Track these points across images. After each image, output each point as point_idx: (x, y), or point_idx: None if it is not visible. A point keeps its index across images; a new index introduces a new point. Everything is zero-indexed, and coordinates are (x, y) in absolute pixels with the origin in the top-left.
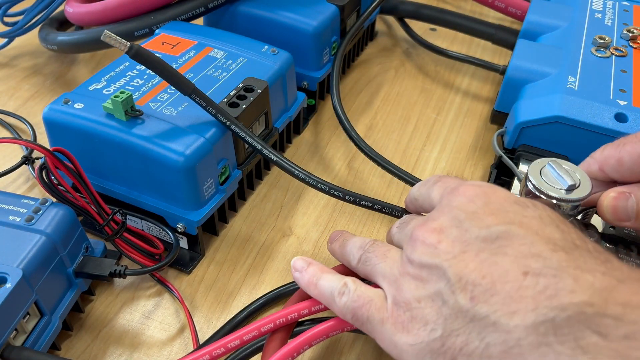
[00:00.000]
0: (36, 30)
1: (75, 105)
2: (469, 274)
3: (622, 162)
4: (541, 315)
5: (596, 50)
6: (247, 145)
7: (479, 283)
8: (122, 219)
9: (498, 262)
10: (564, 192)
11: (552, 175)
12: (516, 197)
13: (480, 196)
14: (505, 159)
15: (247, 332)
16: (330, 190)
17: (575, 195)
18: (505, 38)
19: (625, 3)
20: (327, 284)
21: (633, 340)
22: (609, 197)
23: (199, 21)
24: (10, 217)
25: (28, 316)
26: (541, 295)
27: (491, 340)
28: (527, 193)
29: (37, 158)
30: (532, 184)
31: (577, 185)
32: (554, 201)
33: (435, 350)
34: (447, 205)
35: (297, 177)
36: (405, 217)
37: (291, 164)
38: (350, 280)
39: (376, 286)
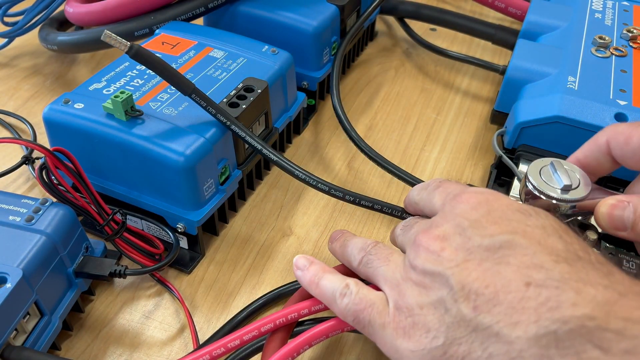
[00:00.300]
0: (36, 30)
1: (75, 105)
2: (471, 282)
3: (629, 142)
4: (543, 328)
5: (596, 50)
6: (247, 145)
7: (481, 292)
8: (122, 219)
9: (501, 272)
10: (562, 192)
11: (551, 175)
12: (519, 205)
13: (483, 204)
14: (505, 159)
15: (247, 332)
16: (330, 190)
17: (573, 195)
18: (505, 38)
19: (625, 3)
20: (329, 284)
21: (634, 355)
22: (606, 204)
23: (199, 21)
24: (10, 217)
25: (28, 316)
26: (543, 307)
27: (494, 350)
28: (527, 193)
29: (37, 158)
30: (531, 183)
31: (575, 185)
32: (553, 201)
33: (437, 357)
34: (450, 212)
35: (297, 177)
36: (409, 219)
37: (291, 164)
38: (352, 282)
39: (376, 287)
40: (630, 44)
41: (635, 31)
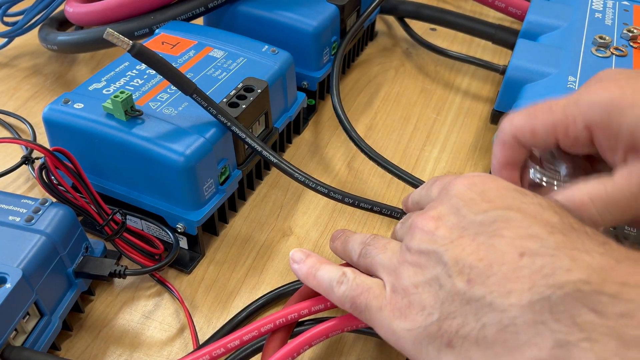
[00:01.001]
0: (36, 30)
1: (75, 105)
2: (465, 257)
3: (535, 133)
4: (537, 294)
5: (596, 50)
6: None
7: (475, 266)
8: (122, 219)
9: (495, 245)
10: (563, 178)
11: (552, 162)
12: (515, 186)
13: (478, 184)
14: None
15: (247, 332)
16: (330, 192)
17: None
18: (505, 38)
19: (626, 3)
20: (326, 274)
21: (629, 319)
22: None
23: (199, 21)
24: (10, 217)
25: (28, 316)
26: (537, 274)
27: (487, 320)
28: (529, 183)
29: (37, 158)
30: (532, 170)
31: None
32: (555, 187)
33: (432, 334)
34: (445, 195)
35: (296, 179)
36: (408, 214)
37: (291, 166)
38: (349, 270)
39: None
40: (631, 43)
41: (635, 31)
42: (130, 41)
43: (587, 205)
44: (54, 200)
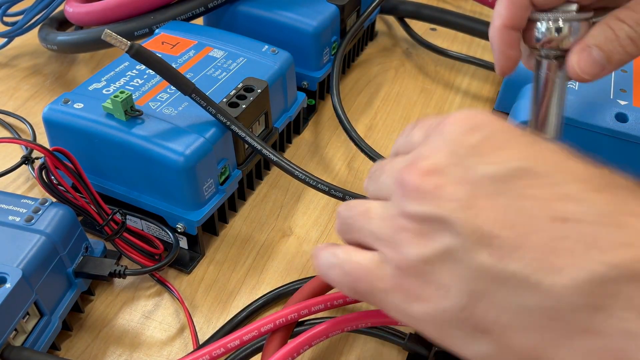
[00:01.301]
0: (36, 30)
1: (75, 105)
2: (484, 224)
3: None
4: (585, 271)
5: None
6: (247, 145)
7: (498, 235)
8: (121, 219)
9: (521, 207)
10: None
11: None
12: (517, 128)
13: (480, 126)
14: None
15: (247, 332)
16: (330, 190)
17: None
18: None
19: None
20: (324, 260)
21: None
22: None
23: (199, 21)
24: (10, 217)
25: (28, 316)
26: (585, 247)
27: (522, 302)
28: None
29: (37, 158)
30: (541, 24)
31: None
32: (561, 45)
33: (456, 317)
34: (438, 139)
35: (296, 177)
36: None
37: (291, 165)
38: (340, 251)
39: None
40: None
41: None
42: (128, 42)
43: (620, 24)
44: (54, 200)
